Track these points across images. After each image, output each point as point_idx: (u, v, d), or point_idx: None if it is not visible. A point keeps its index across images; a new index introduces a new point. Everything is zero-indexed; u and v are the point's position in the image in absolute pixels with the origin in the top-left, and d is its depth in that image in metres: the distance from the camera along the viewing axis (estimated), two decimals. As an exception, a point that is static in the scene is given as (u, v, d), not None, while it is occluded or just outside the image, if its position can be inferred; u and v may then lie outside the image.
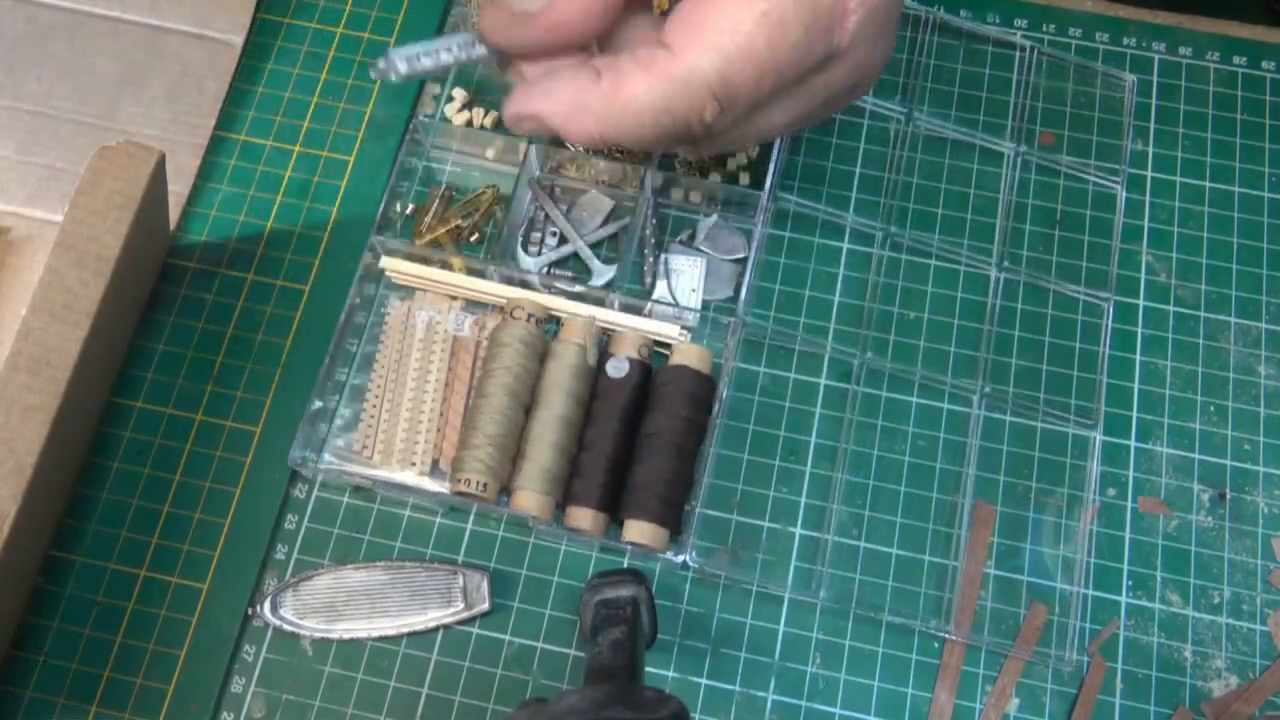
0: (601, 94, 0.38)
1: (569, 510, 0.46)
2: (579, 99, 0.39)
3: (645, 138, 0.39)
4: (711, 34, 0.37)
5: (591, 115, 0.38)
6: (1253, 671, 0.46)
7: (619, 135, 0.39)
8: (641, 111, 0.38)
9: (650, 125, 0.38)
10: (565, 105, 0.39)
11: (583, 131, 0.39)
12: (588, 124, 0.39)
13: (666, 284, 0.51)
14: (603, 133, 0.39)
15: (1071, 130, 0.56)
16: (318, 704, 0.45)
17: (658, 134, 0.39)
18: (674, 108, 0.38)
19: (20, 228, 0.51)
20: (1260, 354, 0.51)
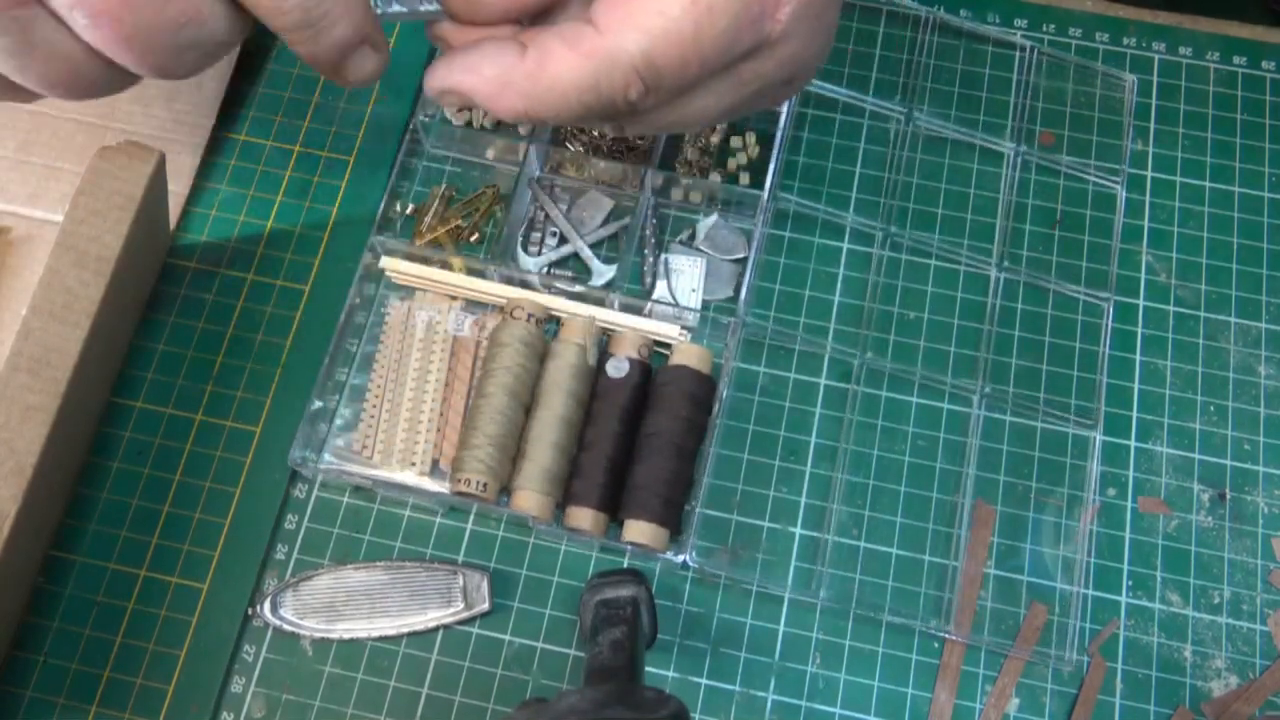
0: (526, 71, 0.38)
1: (569, 510, 0.46)
2: (503, 75, 0.38)
3: (571, 115, 0.38)
4: (639, 15, 0.36)
5: (515, 92, 0.38)
6: (1253, 671, 0.46)
7: (545, 112, 0.38)
8: (566, 89, 0.37)
9: (575, 103, 0.38)
10: (490, 82, 0.38)
11: (508, 108, 0.38)
12: (512, 100, 0.38)
13: (666, 284, 0.51)
14: (528, 110, 0.38)
15: (1071, 130, 0.56)
16: (318, 704, 0.45)
17: (583, 112, 0.38)
18: (599, 86, 0.37)
19: (20, 228, 0.51)
20: (1260, 354, 0.51)
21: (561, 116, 0.38)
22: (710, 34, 0.37)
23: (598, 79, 0.37)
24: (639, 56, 0.37)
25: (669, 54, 0.37)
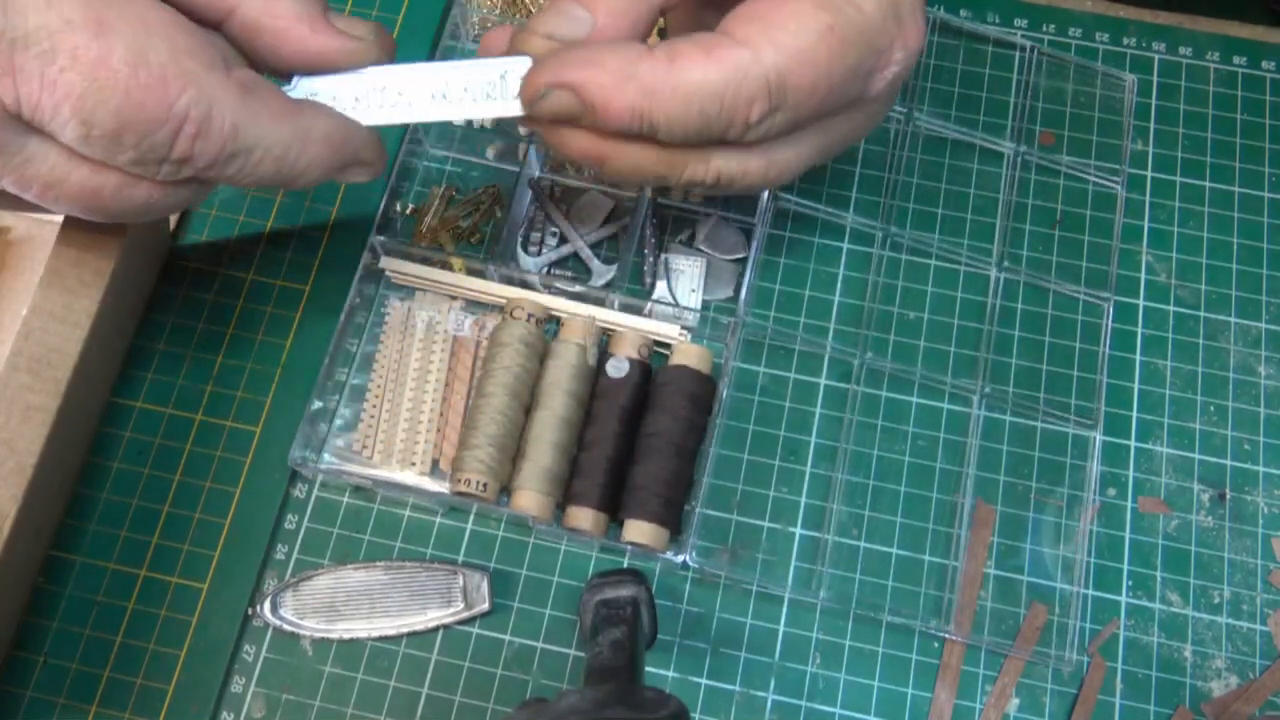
0: (653, 64, 0.36)
1: (569, 510, 0.46)
2: (628, 68, 0.36)
3: (686, 125, 0.37)
4: (777, 32, 0.36)
5: (637, 87, 0.36)
6: (1253, 671, 0.46)
7: (661, 114, 0.37)
8: (692, 94, 0.36)
9: (696, 112, 0.37)
10: (612, 74, 0.36)
11: (625, 105, 0.36)
12: (632, 96, 0.36)
13: (666, 284, 0.51)
14: (645, 109, 0.36)
15: (1071, 130, 0.56)
16: (318, 704, 0.45)
17: (701, 123, 0.37)
18: (725, 95, 0.36)
19: (20, 227, 0.51)
20: (1260, 354, 0.51)
21: (674, 124, 0.37)
22: (838, 67, 0.37)
23: (727, 86, 0.36)
24: (773, 71, 0.36)
25: (800, 75, 0.37)
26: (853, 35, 0.37)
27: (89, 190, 0.35)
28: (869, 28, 0.37)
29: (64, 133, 0.33)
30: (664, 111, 0.36)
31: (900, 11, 0.38)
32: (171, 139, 0.34)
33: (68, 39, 0.31)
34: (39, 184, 0.34)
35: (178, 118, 0.33)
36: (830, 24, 0.36)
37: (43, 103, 0.32)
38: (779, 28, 0.36)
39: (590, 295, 0.50)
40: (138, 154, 0.34)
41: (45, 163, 0.34)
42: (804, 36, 0.36)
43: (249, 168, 0.36)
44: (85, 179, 0.34)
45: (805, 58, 0.36)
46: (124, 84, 0.32)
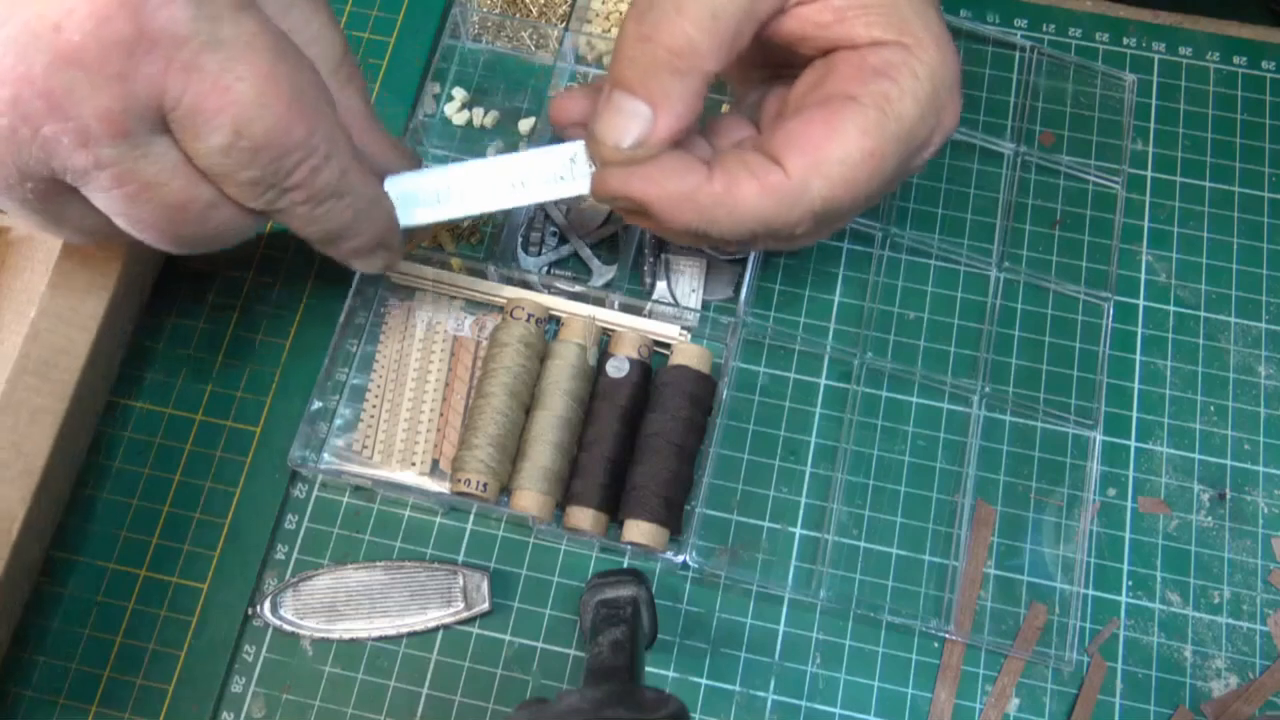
0: (712, 193, 0.40)
1: (569, 510, 0.46)
2: (689, 193, 0.40)
3: (737, 237, 0.41)
4: (825, 165, 0.39)
5: (695, 210, 0.40)
6: (1253, 671, 0.46)
7: (714, 232, 0.41)
8: (745, 218, 0.40)
9: (747, 231, 0.40)
10: (672, 197, 0.40)
11: (681, 223, 0.40)
12: (688, 216, 0.40)
13: (666, 284, 0.51)
14: (700, 227, 0.40)
15: (1071, 130, 0.56)
16: (318, 704, 0.45)
17: (750, 238, 0.41)
18: (775, 220, 0.40)
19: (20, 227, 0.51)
20: (1260, 354, 0.51)
21: (726, 236, 0.41)
22: (879, 177, 0.40)
23: (777, 214, 0.40)
24: (819, 201, 0.40)
25: (843, 198, 0.40)
26: (892, 149, 0.40)
27: (180, 201, 0.35)
28: (909, 133, 0.40)
29: (210, 138, 0.34)
30: (718, 229, 0.40)
31: (940, 100, 0.41)
32: (296, 166, 0.36)
33: (250, 54, 0.33)
34: (139, 183, 0.34)
35: (310, 148, 0.35)
36: (871, 150, 0.39)
37: (208, 104, 0.33)
38: (825, 158, 0.39)
39: (590, 295, 0.50)
40: (261, 173, 0.35)
41: (159, 163, 0.34)
42: (848, 165, 0.39)
43: (334, 213, 0.38)
44: (183, 189, 0.35)
45: (848, 184, 0.40)
46: (283, 106, 0.34)
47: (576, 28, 0.56)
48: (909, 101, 0.40)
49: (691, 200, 0.40)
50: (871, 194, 0.41)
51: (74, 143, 0.32)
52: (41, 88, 0.31)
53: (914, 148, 0.41)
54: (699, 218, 0.40)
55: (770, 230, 0.40)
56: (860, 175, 0.40)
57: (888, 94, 0.40)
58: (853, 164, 0.39)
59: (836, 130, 0.39)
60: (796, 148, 0.40)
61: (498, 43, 0.57)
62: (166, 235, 0.37)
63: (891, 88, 0.40)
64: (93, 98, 0.31)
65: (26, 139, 0.32)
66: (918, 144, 0.41)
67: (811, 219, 0.40)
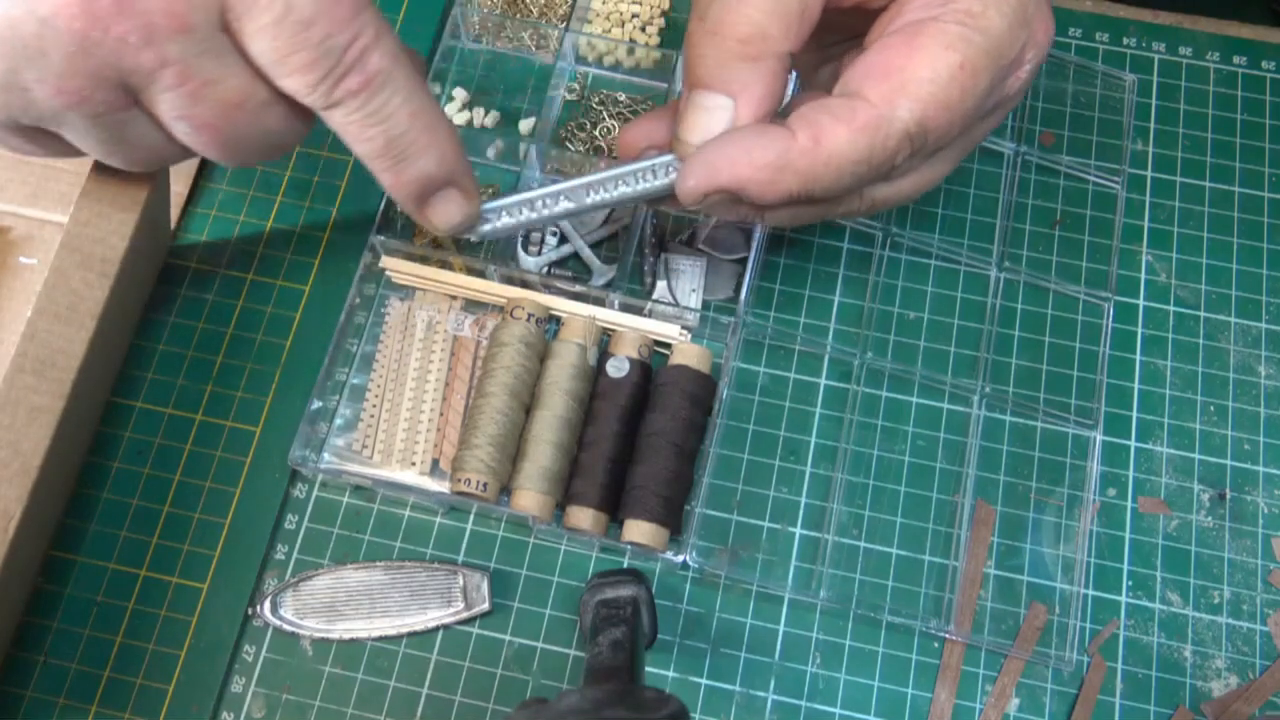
0: (801, 150, 0.37)
1: (569, 510, 0.46)
2: (779, 160, 0.38)
3: (839, 188, 0.39)
4: (910, 85, 0.37)
5: (793, 173, 0.38)
6: (1253, 671, 0.46)
7: (818, 189, 0.38)
8: (843, 163, 0.38)
9: (849, 175, 0.38)
10: (765, 169, 0.38)
11: (780, 192, 0.38)
12: (786, 183, 0.38)
13: (666, 284, 0.51)
14: (803, 189, 0.38)
15: (1071, 130, 0.56)
16: (318, 704, 0.45)
17: (852, 183, 0.39)
18: (873, 155, 0.38)
19: (20, 228, 0.51)
20: (1260, 354, 0.51)
21: (829, 191, 0.39)
22: (973, 94, 0.38)
23: (873, 149, 0.38)
24: (912, 123, 0.38)
25: (939, 118, 0.38)
26: (983, 62, 0.38)
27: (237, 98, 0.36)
28: (998, 47, 0.38)
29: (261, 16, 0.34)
30: (820, 184, 0.38)
31: (1028, 12, 0.39)
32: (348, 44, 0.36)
33: None
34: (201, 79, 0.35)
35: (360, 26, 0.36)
36: (960, 61, 0.37)
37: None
38: (910, 79, 0.37)
39: (590, 295, 0.50)
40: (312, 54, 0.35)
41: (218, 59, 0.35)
42: (937, 84, 0.37)
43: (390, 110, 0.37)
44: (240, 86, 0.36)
45: (940, 102, 0.38)
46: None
47: (576, 28, 0.56)
48: (993, 14, 0.38)
49: (782, 165, 0.37)
50: (968, 113, 0.38)
51: (141, 40, 0.33)
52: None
53: (1005, 64, 0.39)
54: (796, 180, 0.38)
55: (873, 168, 0.38)
56: (952, 93, 0.37)
57: (969, 9, 0.37)
58: (941, 81, 0.37)
59: (918, 49, 0.37)
60: (877, 75, 0.38)
61: (498, 43, 0.57)
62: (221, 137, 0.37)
63: (973, 2, 0.38)
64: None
65: (97, 41, 0.33)
66: (1009, 60, 0.39)
67: (908, 144, 0.38)
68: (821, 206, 0.41)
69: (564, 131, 0.54)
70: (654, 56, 0.55)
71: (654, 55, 0.55)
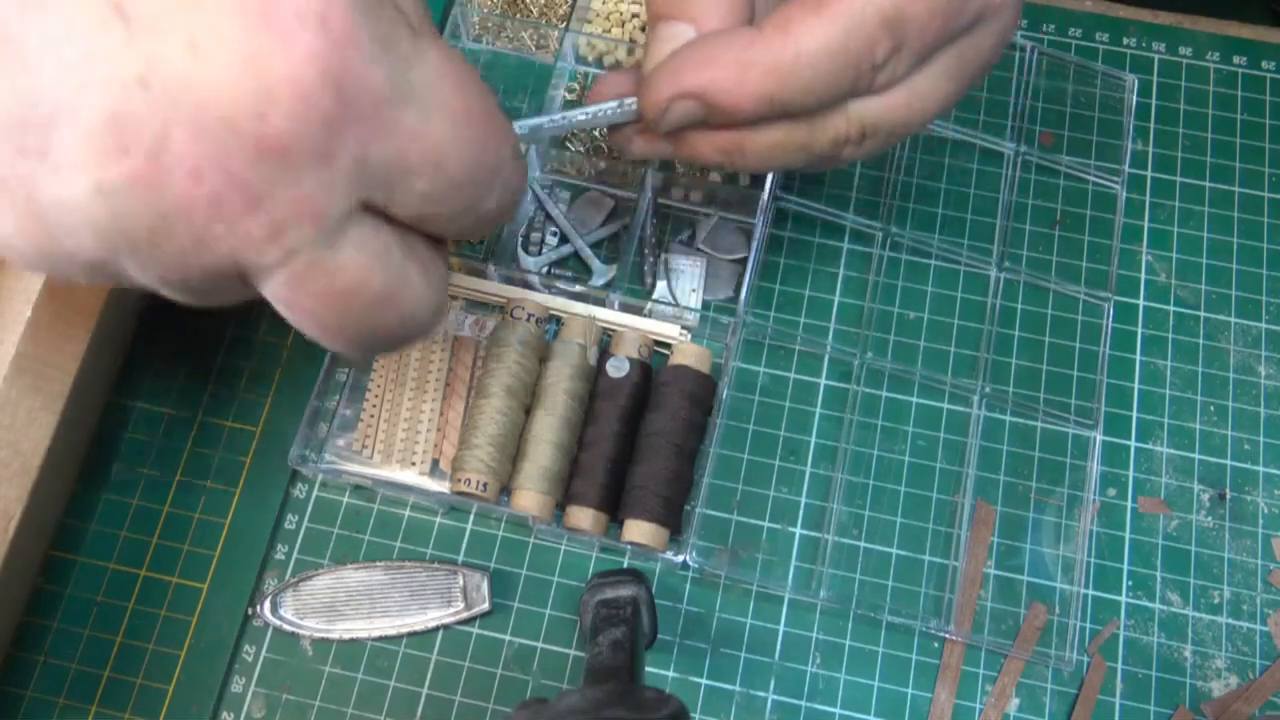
0: (767, 43, 0.35)
1: (569, 510, 0.46)
2: (744, 56, 0.35)
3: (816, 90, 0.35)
4: None
5: (762, 70, 0.35)
6: (1253, 671, 0.46)
7: (793, 89, 0.35)
8: (815, 56, 0.35)
9: (824, 71, 0.35)
10: (731, 66, 0.35)
11: (756, 93, 0.35)
12: (759, 81, 0.35)
13: (666, 284, 0.51)
14: (776, 89, 0.35)
15: (1071, 130, 0.56)
16: (318, 704, 0.45)
17: (830, 82, 0.35)
18: (848, 46, 0.35)
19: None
20: (1260, 354, 0.51)
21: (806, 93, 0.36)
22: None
23: (846, 37, 0.35)
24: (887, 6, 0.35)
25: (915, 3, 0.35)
26: None
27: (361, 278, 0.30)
28: None
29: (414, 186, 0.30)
30: (793, 83, 0.35)
31: None
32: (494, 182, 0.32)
33: (440, 89, 0.29)
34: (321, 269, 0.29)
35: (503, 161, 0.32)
36: None
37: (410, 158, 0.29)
38: None
39: (590, 295, 0.50)
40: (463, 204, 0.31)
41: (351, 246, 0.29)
42: None
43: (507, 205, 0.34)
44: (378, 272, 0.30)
45: None
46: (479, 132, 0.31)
47: (576, 28, 0.56)
48: None
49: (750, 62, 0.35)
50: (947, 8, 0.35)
51: (267, 237, 0.27)
52: (241, 182, 0.26)
53: None
54: (766, 78, 0.35)
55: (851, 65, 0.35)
56: None
57: None
58: None
59: None
60: None
61: (498, 43, 0.57)
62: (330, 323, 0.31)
63: None
64: (294, 186, 0.27)
65: (218, 237, 0.27)
66: None
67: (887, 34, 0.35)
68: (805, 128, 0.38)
69: (564, 131, 0.54)
70: (654, 56, 0.55)
71: (654, 55, 0.55)
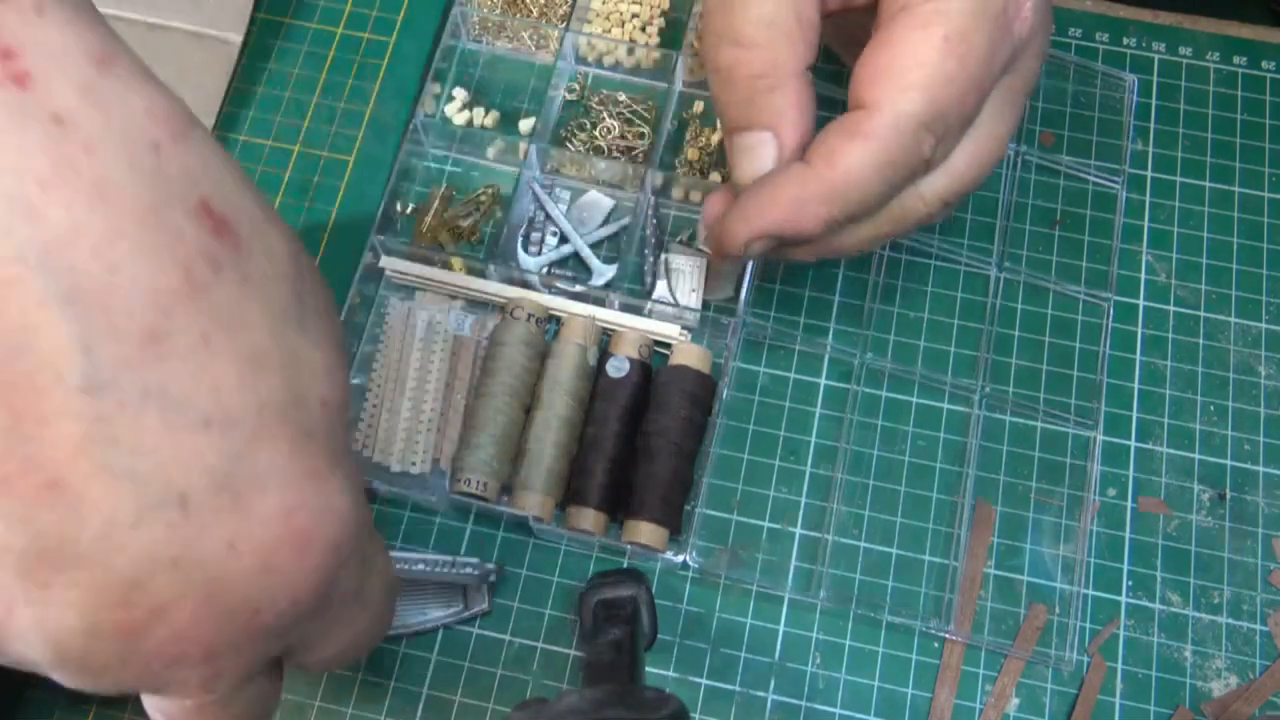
0: (819, 177, 0.38)
1: (569, 510, 0.46)
2: (801, 194, 0.38)
3: (878, 198, 0.39)
4: (903, 77, 0.37)
5: (817, 201, 0.38)
6: (1253, 671, 0.46)
7: (852, 207, 0.39)
8: (866, 175, 0.38)
9: (878, 184, 0.38)
10: (789, 205, 0.39)
11: (817, 220, 0.39)
12: (819, 213, 0.38)
13: (666, 284, 0.51)
14: (838, 213, 0.39)
15: (1071, 130, 0.56)
16: (318, 704, 0.45)
17: (887, 189, 0.39)
18: (894, 157, 0.38)
19: None
20: (1260, 354, 0.51)
21: (870, 203, 0.39)
22: (973, 58, 0.37)
23: (890, 151, 0.37)
24: (922, 113, 0.37)
25: (946, 96, 0.37)
26: (969, 24, 0.37)
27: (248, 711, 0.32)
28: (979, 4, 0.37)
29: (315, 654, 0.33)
30: (851, 202, 0.38)
31: None
32: None
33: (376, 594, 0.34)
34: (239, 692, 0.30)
35: None
36: (943, 34, 0.37)
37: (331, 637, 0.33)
38: (901, 72, 0.37)
39: (590, 295, 0.50)
40: None
41: None
42: (929, 65, 0.37)
43: None
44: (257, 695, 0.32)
45: (940, 80, 0.37)
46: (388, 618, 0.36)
47: (576, 28, 0.56)
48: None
49: (806, 198, 0.38)
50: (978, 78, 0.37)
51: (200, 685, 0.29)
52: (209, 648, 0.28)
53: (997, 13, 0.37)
54: (825, 205, 0.38)
55: (902, 169, 0.38)
56: (949, 67, 0.37)
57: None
58: (933, 62, 0.36)
59: (898, 41, 0.37)
60: (868, 80, 0.37)
61: (498, 43, 0.57)
62: None
63: None
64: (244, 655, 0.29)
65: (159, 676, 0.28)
66: (999, 10, 0.37)
67: (928, 133, 0.37)
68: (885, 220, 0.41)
69: (564, 131, 0.54)
70: (654, 56, 0.55)
71: (654, 55, 0.55)
